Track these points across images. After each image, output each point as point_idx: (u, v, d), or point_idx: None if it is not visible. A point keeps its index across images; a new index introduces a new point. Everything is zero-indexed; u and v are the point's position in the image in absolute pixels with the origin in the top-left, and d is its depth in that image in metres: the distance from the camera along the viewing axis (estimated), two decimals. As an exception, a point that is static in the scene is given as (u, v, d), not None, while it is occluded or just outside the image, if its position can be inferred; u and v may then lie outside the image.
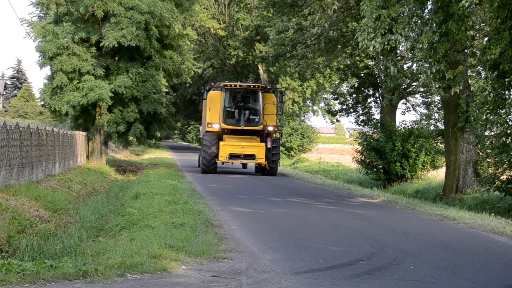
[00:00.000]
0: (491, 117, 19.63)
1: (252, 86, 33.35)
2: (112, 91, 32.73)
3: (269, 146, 32.22)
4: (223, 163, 33.79)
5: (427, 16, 17.04)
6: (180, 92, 73.12)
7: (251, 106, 33.42)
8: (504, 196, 20.88)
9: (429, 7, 18.09)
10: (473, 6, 16.03)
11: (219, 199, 19.58)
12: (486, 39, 22.51)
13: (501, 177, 20.93)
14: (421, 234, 13.45)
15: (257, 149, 32.21)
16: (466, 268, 9.94)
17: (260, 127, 33.02)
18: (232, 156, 32.29)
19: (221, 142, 32.20)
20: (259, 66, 59.33)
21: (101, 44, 32.58)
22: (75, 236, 13.76)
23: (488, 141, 22.07)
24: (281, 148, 54.81)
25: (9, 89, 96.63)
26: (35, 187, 18.94)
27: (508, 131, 20.05)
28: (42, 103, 57.81)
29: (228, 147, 32.13)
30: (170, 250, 9.95)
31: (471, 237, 13.45)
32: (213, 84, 35.28)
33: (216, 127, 32.55)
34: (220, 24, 64.23)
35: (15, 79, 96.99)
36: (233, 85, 33.34)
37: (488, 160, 23.42)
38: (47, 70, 35.71)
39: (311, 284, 8.36)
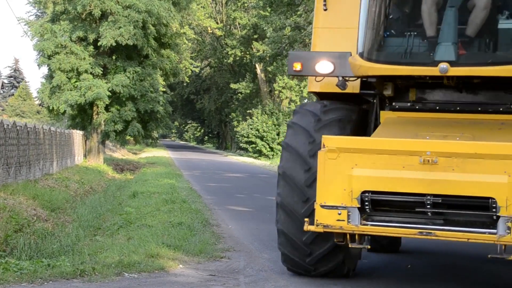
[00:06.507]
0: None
1: None
2: (110, 90, 32.74)
3: None
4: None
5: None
6: (178, 91, 73.12)
7: None
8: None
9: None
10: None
11: (217, 198, 19.58)
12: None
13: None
14: (419, 233, 13.43)
15: None
16: (465, 267, 9.95)
17: None
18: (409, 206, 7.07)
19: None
20: (257, 66, 59.33)
21: (98, 43, 32.59)
22: (73, 235, 13.75)
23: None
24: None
25: (7, 88, 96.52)
26: (32, 186, 18.92)
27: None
28: (39, 102, 57.78)
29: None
30: (168, 249, 9.94)
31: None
32: None
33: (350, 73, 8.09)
34: (217, 23, 64.21)
35: (13, 78, 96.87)
36: None
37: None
38: (44, 69, 35.73)
39: (309, 283, 8.34)
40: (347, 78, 8.15)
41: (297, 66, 8.43)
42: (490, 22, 7.41)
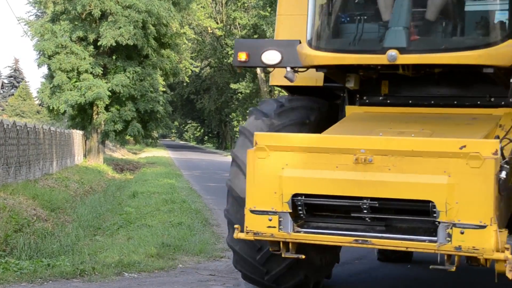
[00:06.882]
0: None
1: None
2: (110, 90, 32.77)
3: None
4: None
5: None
6: (178, 91, 73.14)
7: None
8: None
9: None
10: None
11: (217, 198, 19.59)
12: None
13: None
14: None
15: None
16: (463, 267, 9.94)
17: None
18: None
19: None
20: (257, 65, 59.29)
21: (98, 43, 32.62)
22: (73, 235, 13.77)
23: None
24: None
25: (7, 88, 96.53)
26: (32, 186, 18.93)
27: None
28: (39, 102, 57.80)
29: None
30: (167, 249, 9.95)
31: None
32: None
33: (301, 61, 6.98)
34: (217, 23, 64.24)
35: (13, 78, 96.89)
36: None
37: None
38: (44, 69, 35.81)
39: (308, 283, 8.34)
40: (296, 69, 7.13)
41: (242, 56, 7.28)
42: (449, 4, 6.55)
